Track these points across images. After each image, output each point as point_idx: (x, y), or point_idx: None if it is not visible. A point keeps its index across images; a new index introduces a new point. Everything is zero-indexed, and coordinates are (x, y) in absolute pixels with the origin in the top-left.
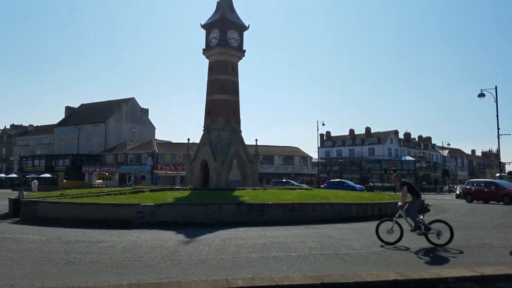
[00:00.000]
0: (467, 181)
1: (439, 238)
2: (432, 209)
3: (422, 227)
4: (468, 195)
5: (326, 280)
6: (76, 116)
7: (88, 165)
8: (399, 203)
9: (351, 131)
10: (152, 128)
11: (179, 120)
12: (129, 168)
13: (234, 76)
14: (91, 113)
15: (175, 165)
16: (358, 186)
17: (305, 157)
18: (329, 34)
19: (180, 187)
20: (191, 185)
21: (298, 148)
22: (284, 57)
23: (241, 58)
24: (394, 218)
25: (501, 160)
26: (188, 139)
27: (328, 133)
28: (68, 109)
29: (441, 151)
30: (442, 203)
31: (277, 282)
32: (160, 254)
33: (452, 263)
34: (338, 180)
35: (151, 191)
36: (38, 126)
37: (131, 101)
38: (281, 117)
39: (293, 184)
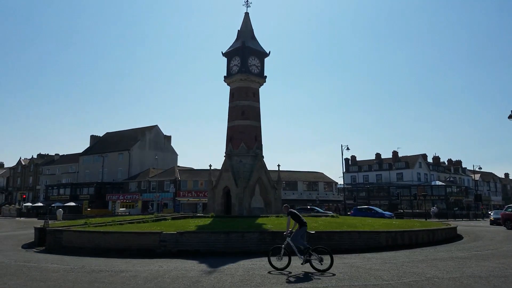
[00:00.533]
0: (506, 206)
1: (321, 264)
2: (465, 236)
3: (305, 255)
4: (508, 221)
5: None
6: (101, 145)
7: (112, 193)
8: (285, 232)
9: (378, 155)
10: (174, 155)
11: (201, 146)
12: (152, 196)
13: (255, 101)
14: (115, 141)
15: (197, 192)
16: (387, 213)
17: (330, 183)
18: (353, 56)
19: (202, 214)
20: (213, 213)
21: (322, 174)
22: (307, 80)
23: (262, 84)
24: (282, 246)
25: None
26: (210, 166)
27: (353, 157)
28: (93, 138)
29: (472, 175)
30: (476, 230)
31: None
32: (182, 285)
33: None
34: (366, 206)
35: (173, 218)
36: (64, 155)
37: (154, 129)
38: (304, 141)
39: (318, 211)
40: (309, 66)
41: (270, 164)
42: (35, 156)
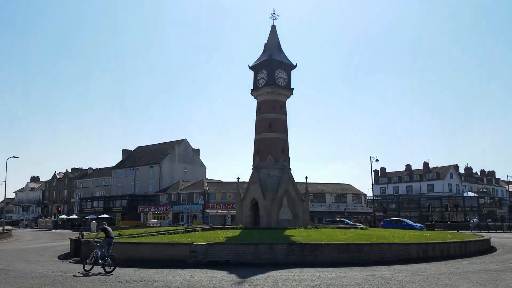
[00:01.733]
0: None
1: (110, 268)
2: (499, 248)
3: (101, 261)
4: None
5: None
6: (132, 159)
7: (144, 205)
8: (93, 240)
9: (408, 166)
10: (203, 168)
11: (229, 159)
12: (182, 208)
13: (282, 114)
14: (146, 155)
15: (225, 204)
16: (417, 224)
17: (358, 195)
18: (379, 65)
19: (230, 226)
20: (241, 224)
21: (351, 185)
22: (334, 91)
23: (289, 97)
24: (93, 253)
25: None
26: (238, 178)
27: (382, 169)
28: (125, 152)
29: (506, 186)
30: (510, 242)
31: None
32: None
33: None
34: (396, 218)
35: (203, 230)
36: (96, 168)
37: (183, 142)
38: (332, 153)
39: (347, 223)
40: (337, 77)
41: (298, 176)
42: (69, 170)
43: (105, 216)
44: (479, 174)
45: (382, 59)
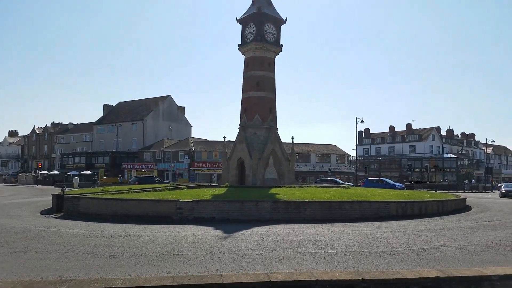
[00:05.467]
0: None
1: None
2: (474, 207)
3: None
4: None
5: (367, 276)
6: (114, 114)
7: (127, 162)
8: None
9: (391, 128)
10: (188, 126)
11: (215, 118)
12: (167, 166)
13: (271, 72)
14: (128, 111)
15: (211, 163)
16: (398, 184)
17: (342, 155)
18: (368, 29)
19: (216, 184)
20: (227, 183)
21: (335, 146)
22: (322, 52)
23: (278, 54)
24: None
25: None
26: (224, 137)
27: (367, 130)
28: (106, 107)
29: (484, 148)
30: (485, 202)
31: (317, 277)
32: (199, 249)
33: (496, 262)
34: (377, 178)
35: (189, 188)
36: (77, 124)
37: (167, 99)
38: (318, 114)
39: (338, 183)
40: (326, 38)
41: (284, 136)
42: (48, 125)
43: (88, 172)
44: (459, 137)
45: (373, 19)
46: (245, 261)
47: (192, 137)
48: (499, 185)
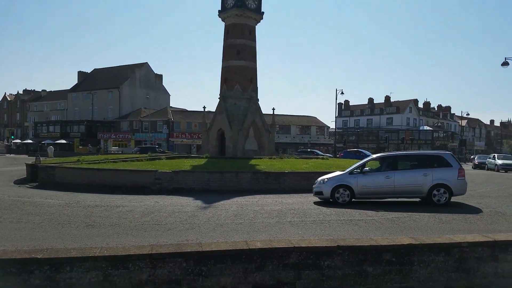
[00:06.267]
0: None
1: None
2: None
3: None
4: None
5: (342, 243)
6: (89, 82)
7: (103, 131)
8: None
9: (370, 100)
10: (166, 95)
11: (195, 87)
12: (145, 136)
13: (251, 40)
14: (104, 78)
15: (190, 134)
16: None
17: (322, 127)
18: (351, 2)
19: (196, 155)
20: (207, 154)
21: (315, 118)
22: (304, 24)
23: (259, 21)
24: None
25: None
26: (204, 107)
27: (346, 102)
28: (81, 74)
29: (459, 121)
30: None
31: (295, 245)
32: (179, 219)
33: (466, 230)
34: (355, 150)
35: (168, 158)
36: (51, 91)
37: (144, 66)
38: (299, 85)
39: (317, 154)
40: (307, 8)
41: (265, 107)
42: (20, 92)
43: (63, 141)
44: (436, 109)
45: None
46: (224, 230)
47: (171, 107)
48: (472, 157)
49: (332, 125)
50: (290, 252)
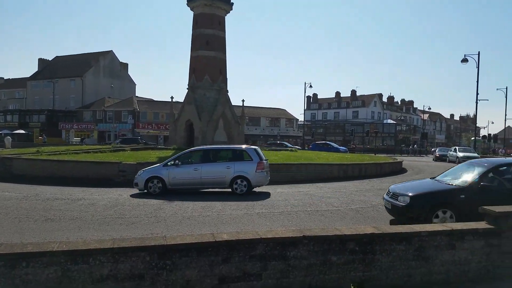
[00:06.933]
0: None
1: None
2: (409, 169)
3: None
4: None
5: (308, 233)
6: (50, 69)
7: (65, 121)
8: None
9: (337, 93)
10: (132, 85)
11: (162, 77)
12: (109, 126)
13: (221, 31)
14: (66, 66)
15: (157, 124)
16: (342, 148)
17: (291, 119)
18: None
19: (163, 146)
20: (175, 145)
21: (284, 110)
22: (274, 16)
23: (229, 12)
24: None
25: (477, 125)
26: (172, 98)
27: (315, 95)
28: (42, 62)
29: (421, 115)
30: (419, 165)
31: (261, 236)
32: (144, 212)
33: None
34: (323, 142)
35: (133, 150)
36: (9, 79)
37: (109, 54)
38: (269, 78)
39: (287, 146)
40: (277, 1)
41: (235, 99)
42: None
43: (21, 131)
44: (399, 103)
45: None
46: (191, 223)
47: (137, 97)
48: (433, 149)
49: (301, 118)
50: (257, 244)
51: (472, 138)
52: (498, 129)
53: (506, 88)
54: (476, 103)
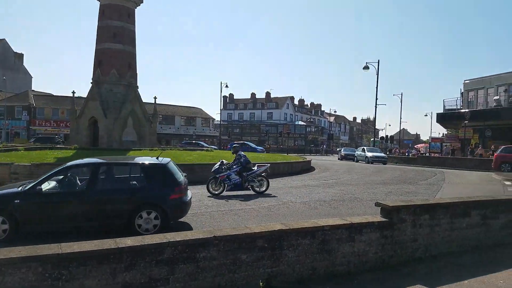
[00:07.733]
0: (503, 147)
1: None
2: (317, 168)
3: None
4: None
5: (218, 233)
6: None
7: None
8: None
9: (253, 94)
10: (28, 77)
11: (62, 70)
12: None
13: (130, 24)
14: None
15: (57, 122)
16: (259, 147)
17: (207, 119)
18: None
19: (63, 146)
20: (76, 145)
21: (201, 109)
22: (189, 11)
23: (139, 5)
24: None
25: (376, 127)
26: (73, 92)
27: (231, 95)
28: None
29: (328, 117)
30: (326, 163)
31: (169, 239)
32: None
33: (329, 214)
34: (242, 142)
35: (27, 149)
36: None
37: (1, 43)
38: (183, 75)
39: (202, 146)
40: None
41: (146, 95)
42: None
43: None
44: (309, 106)
45: None
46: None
47: (33, 91)
48: (338, 149)
49: (217, 118)
50: (165, 248)
51: (372, 139)
52: (394, 131)
53: (402, 94)
54: (376, 107)
